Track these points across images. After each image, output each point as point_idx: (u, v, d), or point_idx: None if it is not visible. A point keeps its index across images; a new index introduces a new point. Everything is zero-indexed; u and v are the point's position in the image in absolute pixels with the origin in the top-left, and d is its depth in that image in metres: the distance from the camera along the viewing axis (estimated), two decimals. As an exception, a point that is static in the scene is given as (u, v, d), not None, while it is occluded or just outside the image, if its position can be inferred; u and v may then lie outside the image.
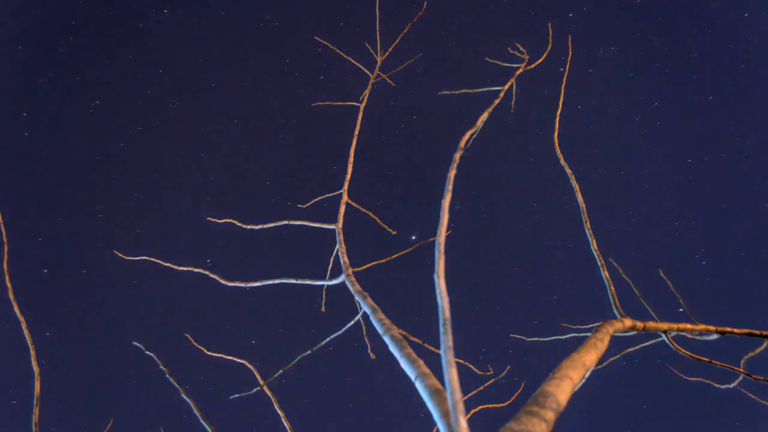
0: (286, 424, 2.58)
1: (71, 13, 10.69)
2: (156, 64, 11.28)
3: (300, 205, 3.06)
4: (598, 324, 1.74)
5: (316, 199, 3.07)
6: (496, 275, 12.64)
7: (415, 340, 2.46)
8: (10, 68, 10.62)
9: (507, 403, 3.11)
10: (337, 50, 3.62)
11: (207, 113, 11.66)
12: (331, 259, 2.76)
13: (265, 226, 2.86)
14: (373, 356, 2.72)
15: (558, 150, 2.59)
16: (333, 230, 2.61)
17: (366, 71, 3.41)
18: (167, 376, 2.31)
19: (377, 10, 3.37)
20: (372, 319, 1.66)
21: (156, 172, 11.65)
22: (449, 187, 1.02)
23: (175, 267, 2.71)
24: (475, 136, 1.52)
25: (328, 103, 3.62)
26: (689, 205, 11.74)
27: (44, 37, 10.65)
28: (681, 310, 2.53)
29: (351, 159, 2.93)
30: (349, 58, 3.49)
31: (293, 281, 2.52)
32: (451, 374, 0.72)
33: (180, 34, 11.26)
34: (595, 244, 2.30)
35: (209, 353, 2.93)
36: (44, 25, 10.63)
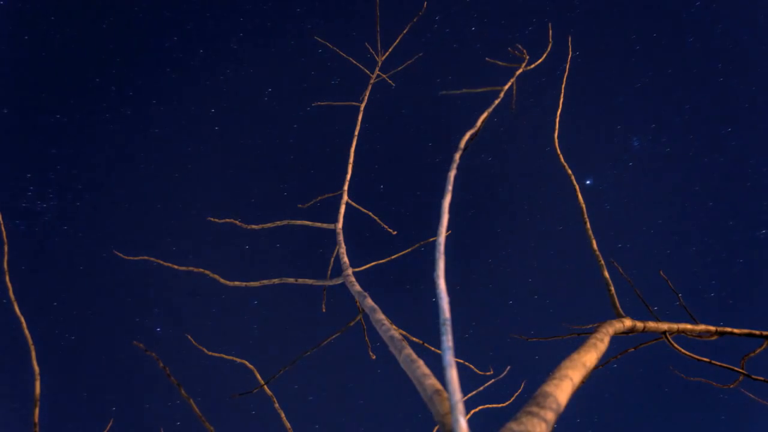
0: (286, 424, 2.58)
1: (68, 10, 10.68)
2: (156, 63, 11.28)
3: (300, 205, 3.06)
4: (598, 324, 1.74)
5: (316, 199, 3.07)
6: (496, 275, 12.61)
7: (415, 340, 2.46)
8: (10, 68, 10.62)
9: (507, 403, 3.11)
10: (337, 50, 3.62)
11: (207, 113, 11.66)
12: (332, 259, 2.76)
13: (265, 226, 2.86)
14: (373, 356, 2.72)
15: (558, 150, 2.59)
16: (333, 230, 2.61)
17: (366, 71, 3.41)
18: (167, 376, 2.31)
19: (377, 10, 3.37)
20: (372, 319, 1.66)
21: (156, 172, 11.65)
22: (449, 187, 1.02)
23: (175, 267, 2.71)
24: (475, 136, 1.52)
25: (328, 103, 3.62)
26: (689, 204, 11.73)
27: (41, 35, 10.64)
28: (681, 310, 2.53)
29: (351, 159, 2.92)
30: (350, 58, 3.49)
31: (293, 281, 2.52)
32: (452, 375, 0.72)
33: (179, 33, 11.25)
34: (594, 244, 2.30)
35: (209, 353, 2.92)
36: (40, 23, 10.62)
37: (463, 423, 0.71)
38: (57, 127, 10.97)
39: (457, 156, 1.18)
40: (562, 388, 1.17)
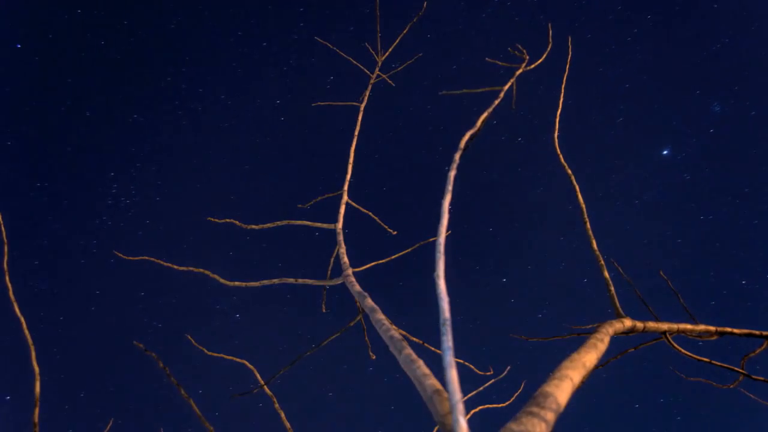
0: (286, 424, 2.57)
1: (138, 14, 10.80)
2: (157, 63, 11.28)
3: (300, 205, 3.06)
4: (598, 324, 1.74)
5: (316, 199, 3.07)
6: (496, 275, 12.60)
7: (415, 340, 2.46)
8: (10, 67, 10.64)
9: (507, 403, 3.11)
10: (337, 50, 3.62)
11: (208, 113, 11.66)
12: (331, 259, 2.76)
13: (265, 226, 2.86)
14: (373, 356, 2.72)
15: (558, 150, 2.58)
16: (333, 230, 2.61)
17: (366, 71, 3.41)
18: (167, 376, 2.31)
19: (377, 10, 3.37)
20: (372, 319, 1.66)
21: (156, 172, 11.65)
22: (449, 187, 1.02)
23: (175, 267, 2.71)
24: (475, 136, 1.52)
25: (328, 103, 3.62)
26: (689, 205, 11.71)
27: (40, 34, 10.66)
28: (681, 310, 2.53)
29: (351, 159, 2.92)
30: (350, 59, 3.49)
31: (293, 281, 2.52)
32: (452, 375, 0.72)
33: (181, 33, 11.25)
34: (594, 244, 2.30)
35: (209, 353, 2.92)
36: (113, 29, 10.72)
37: (463, 423, 0.71)
38: (135, 126, 11.15)
39: (457, 156, 1.18)
40: (562, 388, 1.17)
